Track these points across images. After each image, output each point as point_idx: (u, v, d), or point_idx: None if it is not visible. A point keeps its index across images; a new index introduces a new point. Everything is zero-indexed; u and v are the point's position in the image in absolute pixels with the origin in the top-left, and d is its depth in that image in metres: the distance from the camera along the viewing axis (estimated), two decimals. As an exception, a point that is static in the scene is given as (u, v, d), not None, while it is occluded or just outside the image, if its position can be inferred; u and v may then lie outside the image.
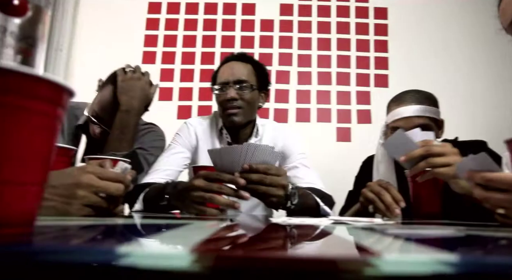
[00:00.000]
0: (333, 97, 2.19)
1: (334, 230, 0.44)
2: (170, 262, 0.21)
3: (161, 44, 2.24)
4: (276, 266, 0.22)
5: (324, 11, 2.28)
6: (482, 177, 0.55)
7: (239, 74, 1.17)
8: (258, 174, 0.77)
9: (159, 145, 1.25)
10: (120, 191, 0.58)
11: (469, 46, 2.24)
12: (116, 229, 0.39)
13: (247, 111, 1.17)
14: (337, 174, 2.03)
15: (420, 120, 1.08)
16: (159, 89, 2.18)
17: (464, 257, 0.23)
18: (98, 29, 2.26)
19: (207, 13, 2.28)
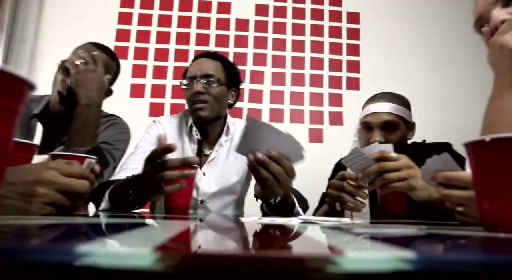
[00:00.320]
0: (306, 99, 2.22)
1: (302, 229, 0.44)
2: (132, 261, 0.21)
3: (134, 39, 2.19)
4: (242, 265, 0.22)
5: (298, 13, 2.31)
6: (443, 176, 0.58)
7: (206, 69, 1.18)
8: (279, 168, 0.76)
9: (123, 138, 1.21)
10: (85, 188, 0.56)
11: (438, 50, 2.34)
12: (79, 228, 0.38)
13: (214, 106, 1.17)
14: (309, 175, 2.06)
15: (387, 116, 1.14)
16: (131, 85, 2.13)
17: (422, 254, 0.24)
18: (66, 21, 2.17)
19: (181, 10, 2.25)
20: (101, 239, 0.29)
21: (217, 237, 0.35)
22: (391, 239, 0.35)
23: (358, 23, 2.34)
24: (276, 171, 0.76)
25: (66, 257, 0.20)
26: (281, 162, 0.76)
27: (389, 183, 0.86)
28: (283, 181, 0.77)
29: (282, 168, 0.76)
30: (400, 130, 1.16)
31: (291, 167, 0.78)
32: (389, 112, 1.14)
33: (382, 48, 2.32)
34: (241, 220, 0.62)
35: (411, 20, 2.38)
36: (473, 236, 0.39)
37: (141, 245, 0.26)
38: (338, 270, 0.22)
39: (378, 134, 1.15)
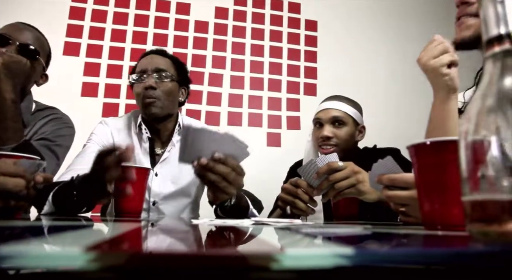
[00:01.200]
0: (265, 103, 2.24)
1: (253, 230, 0.45)
2: (64, 262, 0.20)
3: (87, 36, 2.09)
4: (186, 263, 0.22)
5: (258, 18, 2.34)
6: (387, 178, 0.61)
7: (158, 64, 1.15)
8: (226, 168, 0.75)
9: (66, 133, 1.12)
10: (20, 187, 0.52)
11: (394, 58, 2.47)
12: (12, 231, 0.35)
13: (166, 102, 1.14)
14: (267, 178, 2.08)
15: (336, 112, 1.21)
16: (82, 84, 2.02)
17: (360, 250, 0.25)
18: (13, 13, 2.03)
19: (139, 8, 2.18)
20: (33, 240, 0.27)
21: (160, 238, 0.34)
22: (336, 238, 0.36)
23: (315, 31, 2.41)
24: (223, 171, 0.76)
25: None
26: (227, 162, 0.76)
27: (340, 191, 0.90)
28: (232, 180, 0.77)
29: (229, 167, 0.76)
30: (348, 128, 1.22)
31: (238, 165, 0.78)
32: (338, 109, 1.22)
33: (338, 55, 2.41)
34: (192, 222, 0.60)
35: (367, 29, 2.49)
36: (414, 234, 0.41)
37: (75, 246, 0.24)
38: (280, 267, 0.22)
39: (327, 128, 1.21)
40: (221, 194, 0.80)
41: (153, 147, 1.18)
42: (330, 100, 1.26)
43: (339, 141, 1.21)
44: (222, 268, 0.22)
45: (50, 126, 1.08)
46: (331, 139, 1.20)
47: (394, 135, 2.22)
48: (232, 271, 0.23)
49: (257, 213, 1.02)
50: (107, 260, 0.20)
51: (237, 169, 0.78)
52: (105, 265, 0.20)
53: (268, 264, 0.22)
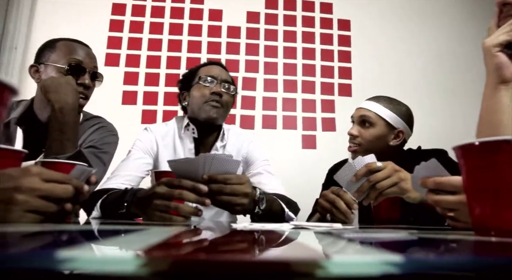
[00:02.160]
0: (299, 105, 2.23)
1: (293, 235, 0.44)
2: (116, 267, 0.20)
3: (125, 46, 2.18)
4: (230, 270, 0.22)
5: (290, 21, 2.33)
6: (433, 181, 0.57)
7: (227, 76, 1.21)
8: (217, 184, 0.76)
9: (111, 141, 1.17)
10: (68, 193, 0.54)
11: (426, 57, 2.38)
12: (64, 235, 0.37)
13: (224, 112, 1.19)
14: (302, 181, 2.06)
15: (365, 111, 1.19)
16: (123, 93, 2.12)
17: (410, 257, 0.24)
18: (56, 28, 2.16)
19: (173, 17, 2.25)
20: (87, 245, 0.28)
21: (206, 243, 0.35)
22: (381, 244, 0.35)
23: (349, 30, 2.36)
24: (217, 189, 0.76)
25: (47, 263, 0.20)
26: (216, 178, 0.76)
27: (382, 192, 0.87)
28: (232, 191, 0.78)
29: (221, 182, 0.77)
30: (377, 130, 1.17)
31: (230, 177, 0.78)
32: (369, 109, 1.19)
33: (372, 54, 2.35)
34: (232, 226, 0.61)
35: (401, 26, 2.41)
36: (464, 240, 0.39)
37: (126, 250, 0.25)
38: (326, 274, 0.22)
39: (355, 127, 1.20)
40: (231, 208, 0.80)
41: (198, 149, 1.20)
42: (368, 100, 1.24)
43: (363, 141, 1.18)
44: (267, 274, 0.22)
45: (97, 135, 1.14)
46: (356, 138, 1.19)
47: (436, 136, 2.13)
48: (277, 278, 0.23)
49: (294, 215, 1.01)
50: (157, 265, 0.21)
51: (230, 180, 0.78)
52: (155, 270, 0.21)
53: (314, 271, 0.22)
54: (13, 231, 0.37)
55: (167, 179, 0.75)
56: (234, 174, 0.80)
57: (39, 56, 1.09)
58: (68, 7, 2.20)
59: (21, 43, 2.08)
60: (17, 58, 2.05)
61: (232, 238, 0.41)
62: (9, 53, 2.04)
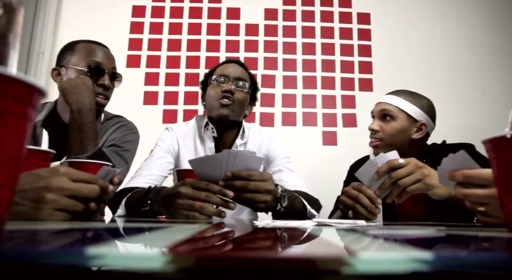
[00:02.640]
0: (319, 101, 2.20)
1: (316, 232, 0.44)
2: (144, 264, 0.21)
3: (146, 48, 2.22)
4: (254, 267, 0.22)
5: (308, 16, 2.31)
6: (462, 174, 0.55)
7: (240, 73, 1.22)
8: (241, 180, 0.76)
9: (132, 139, 1.20)
10: (94, 192, 0.56)
11: (451, 50, 2.30)
12: (92, 232, 0.38)
13: (237, 109, 1.19)
14: (323, 178, 2.04)
15: (385, 105, 1.17)
16: (144, 93, 2.16)
17: (439, 254, 0.23)
18: (81, 32, 2.22)
19: (191, 17, 2.27)
20: (114, 241, 0.29)
21: (230, 240, 0.35)
22: (408, 241, 0.34)
23: (368, 24, 2.32)
24: (240, 185, 0.76)
25: (77, 260, 0.21)
26: (240, 175, 0.76)
27: (405, 188, 0.84)
28: (255, 188, 0.78)
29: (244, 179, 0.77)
30: (398, 123, 1.15)
31: (253, 174, 0.78)
32: (389, 103, 1.17)
33: (394, 47, 2.29)
34: (255, 224, 0.61)
35: (424, 17, 2.34)
36: (496, 237, 0.38)
37: (152, 247, 0.25)
38: (352, 271, 0.22)
39: (375, 122, 1.18)
40: (254, 205, 0.80)
41: (218, 147, 1.22)
42: (389, 94, 1.22)
43: (384, 136, 1.16)
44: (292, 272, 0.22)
45: (118, 133, 1.17)
46: (377, 132, 1.17)
47: (460, 131, 2.06)
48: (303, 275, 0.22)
49: (316, 213, 1.00)
50: (183, 262, 0.21)
51: (253, 177, 0.78)
52: (181, 267, 0.21)
53: (340, 268, 0.22)
54: (43, 229, 0.38)
55: (194, 180, 0.76)
56: (257, 171, 0.80)
57: (60, 59, 1.13)
58: (90, 11, 2.25)
59: (48, 48, 2.16)
60: (44, 62, 2.13)
61: (256, 235, 0.41)
62: (37, 58, 2.12)
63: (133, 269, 0.21)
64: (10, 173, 0.25)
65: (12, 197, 0.27)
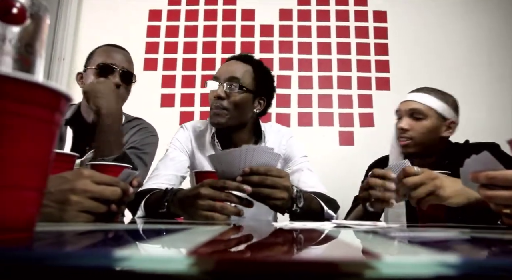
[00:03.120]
0: (335, 101, 2.19)
1: (337, 233, 0.44)
2: (168, 266, 0.21)
3: (162, 51, 2.25)
4: (276, 269, 0.22)
5: (323, 16, 2.29)
6: (486, 175, 0.54)
7: (232, 72, 1.10)
8: (259, 176, 0.76)
9: (151, 142, 1.22)
10: (116, 195, 0.58)
11: (469, 46, 2.24)
12: (115, 234, 0.39)
13: (234, 114, 1.09)
14: (340, 178, 2.02)
15: (415, 104, 1.14)
16: (161, 96, 2.19)
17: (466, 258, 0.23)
18: (99, 37, 2.27)
19: (207, 20, 2.29)
20: (138, 244, 0.29)
21: (251, 242, 0.35)
22: (431, 243, 0.34)
23: (385, 22, 2.28)
24: (258, 181, 0.76)
25: (103, 262, 0.21)
26: (258, 170, 0.76)
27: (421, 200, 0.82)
28: (272, 184, 0.77)
29: (263, 174, 0.76)
30: (429, 122, 1.12)
31: (271, 169, 0.78)
32: (418, 101, 1.14)
33: (411, 45, 2.25)
34: (274, 225, 0.61)
35: (440, 14, 2.29)
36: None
37: (176, 250, 0.26)
38: (376, 275, 0.21)
39: (405, 120, 1.14)
40: (270, 201, 0.79)
41: None
42: (414, 92, 1.18)
43: (414, 135, 1.13)
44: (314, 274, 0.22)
45: (138, 136, 1.19)
46: (407, 131, 1.13)
47: (482, 130, 2.01)
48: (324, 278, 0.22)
49: (333, 213, 0.99)
50: (207, 265, 0.21)
51: (271, 173, 0.77)
52: (205, 269, 0.21)
53: (363, 272, 0.22)
54: (69, 230, 0.39)
55: (212, 180, 0.77)
56: (275, 167, 0.80)
57: (84, 65, 1.20)
58: (109, 17, 2.30)
59: (68, 54, 2.21)
60: (65, 68, 2.19)
61: (276, 237, 0.41)
62: (58, 63, 2.18)
63: (157, 271, 0.22)
64: (40, 177, 0.26)
65: (41, 200, 0.28)
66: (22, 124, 0.24)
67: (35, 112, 0.25)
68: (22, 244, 0.24)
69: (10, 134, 0.24)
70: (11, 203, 0.24)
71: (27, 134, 0.25)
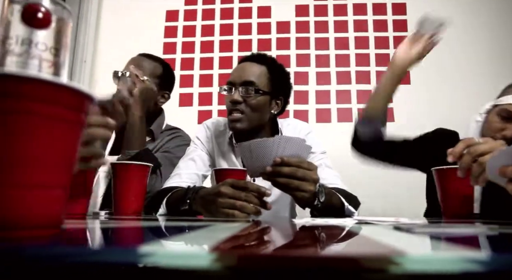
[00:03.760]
0: (353, 96, 2.15)
1: (359, 230, 0.43)
2: (191, 262, 0.22)
3: (180, 50, 2.28)
4: (299, 265, 0.22)
5: (340, 10, 2.26)
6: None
7: (247, 75, 1.09)
8: (290, 167, 0.76)
9: (183, 147, 1.29)
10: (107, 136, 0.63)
11: (496, 36, 2.16)
12: (139, 231, 0.40)
13: (252, 117, 1.09)
14: (359, 175, 1.99)
15: None
16: (179, 95, 2.22)
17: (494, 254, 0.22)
18: (119, 39, 2.32)
19: (223, 19, 2.30)
20: (162, 240, 0.30)
21: (273, 239, 0.35)
22: (457, 239, 0.33)
23: (404, 14, 2.23)
24: (289, 171, 0.76)
25: (128, 258, 0.22)
26: (289, 161, 0.76)
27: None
28: (302, 176, 0.77)
29: (294, 166, 0.76)
30: None
31: (302, 161, 0.77)
32: None
33: (433, 37, 2.19)
34: (294, 222, 0.61)
35: (460, 6, 2.21)
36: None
37: (199, 246, 0.26)
38: (400, 270, 0.21)
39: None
40: (298, 193, 0.79)
41: None
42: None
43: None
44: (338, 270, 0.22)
45: (172, 142, 1.30)
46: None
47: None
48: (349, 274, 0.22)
49: (354, 209, 0.98)
50: (229, 260, 0.22)
51: (302, 165, 0.77)
52: (227, 265, 0.21)
53: (387, 268, 0.21)
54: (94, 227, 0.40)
55: (233, 180, 0.77)
56: (305, 159, 0.79)
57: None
58: (127, 19, 2.35)
59: (89, 56, 2.27)
60: (86, 69, 2.25)
61: (297, 234, 0.41)
62: (80, 65, 2.24)
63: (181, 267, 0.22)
64: (65, 176, 0.27)
65: (66, 198, 0.28)
66: (48, 125, 0.25)
67: (61, 113, 0.26)
68: (48, 241, 0.25)
69: (38, 135, 0.24)
70: (39, 201, 0.25)
71: (54, 134, 0.25)
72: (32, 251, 0.21)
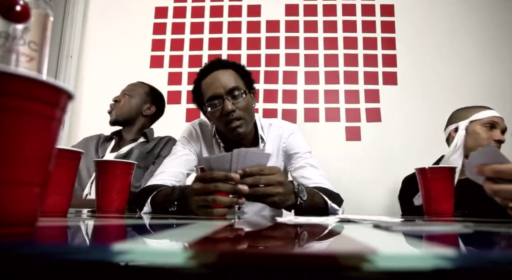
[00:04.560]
0: (341, 96, 2.17)
1: (339, 228, 0.44)
2: (167, 259, 0.22)
3: (168, 48, 2.26)
4: (274, 262, 0.22)
5: (329, 10, 2.27)
6: (492, 169, 0.53)
7: (229, 82, 1.08)
8: (252, 176, 0.76)
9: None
10: None
11: (477, 41, 2.20)
12: (116, 228, 0.40)
13: (247, 118, 1.11)
14: (347, 174, 2.02)
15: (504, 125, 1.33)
16: (168, 93, 2.20)
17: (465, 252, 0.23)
18: (106, 35, 2.29)
19: (213, 16, 2.29)
20: (138, 238, 0.30)
21: (251, 236, 0.35)
22: (432, 237, 0.34)
23: (392, 16, 2.26)
24: (253, 181, 0.75)
25: (103, 255, 0.22)
26: (250, 171, 0.76)
27: None
28: (267, 182, 0.77)
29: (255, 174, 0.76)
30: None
31: (263, 168, 0.77)
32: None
33: (419, 39, 2.22)
34: (277, 220, 0.61)
35: (448, 7, 2.25)
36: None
37: (174, 243, 0.26)
38: (373, 268, 0.21)
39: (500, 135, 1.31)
40: (268, 199, 0.79)
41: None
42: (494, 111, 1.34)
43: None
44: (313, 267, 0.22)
45: (168, 146, 1.48)
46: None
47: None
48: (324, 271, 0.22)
49: (338, 207, 0.99)
50: (204, 258, 0.22)
51: (264, 171, 0.77)
52: (202, 262, 0.22)
53: (360, 265, 0.22)
54: (71, 225, 0.40)
55: (201, 174, 0.77)
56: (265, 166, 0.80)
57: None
58: (115, 15, 2.32)
59: (76, 51, 2.24)
60: (72, 65, 2.21)
61: (277, 231, 0.42)
62: (66, 61, 2.20)
63: (156, 265, 0.22)
64: (41, 172, 0.27)
65: (43, 195, 0.28)
66: (24, 120, 0.25)
67: (37, 108, 0.25)
68: (23, 238, 0.25)
69: (12, 130, 0.24)
70: (14, 198, 0.25)
71: (29, 130, 0.25)
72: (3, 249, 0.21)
